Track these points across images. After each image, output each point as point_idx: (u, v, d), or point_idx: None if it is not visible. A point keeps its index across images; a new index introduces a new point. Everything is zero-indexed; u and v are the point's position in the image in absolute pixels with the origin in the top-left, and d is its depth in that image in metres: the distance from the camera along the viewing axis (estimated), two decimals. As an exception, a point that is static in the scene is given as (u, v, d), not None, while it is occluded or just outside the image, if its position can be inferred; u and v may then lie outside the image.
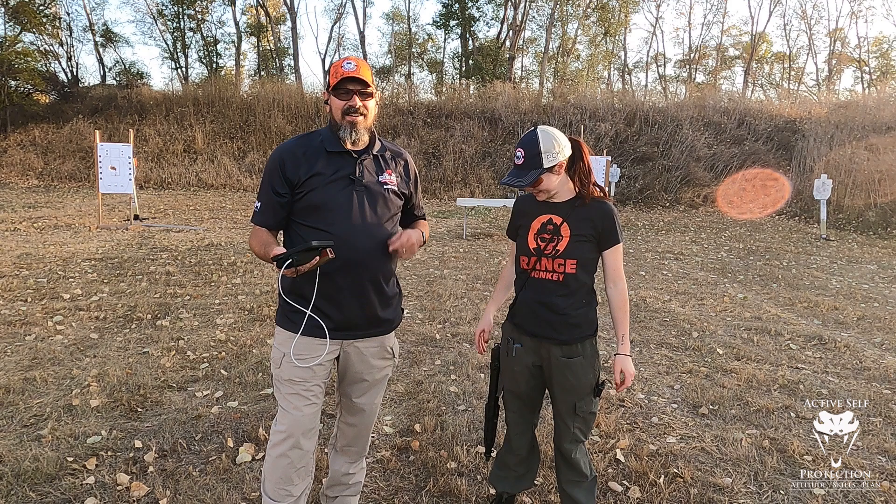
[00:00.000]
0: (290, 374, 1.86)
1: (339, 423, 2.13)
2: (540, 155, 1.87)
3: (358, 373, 1.98)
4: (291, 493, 1.87)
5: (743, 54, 33.78)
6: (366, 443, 2.15)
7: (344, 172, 1.84)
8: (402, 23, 33.37)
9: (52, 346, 4.00)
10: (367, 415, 2.06)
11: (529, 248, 2.00)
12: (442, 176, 17.41)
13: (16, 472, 2.45)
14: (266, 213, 1.87)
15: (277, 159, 1.84)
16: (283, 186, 1.83)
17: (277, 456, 1.85)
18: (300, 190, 1.82)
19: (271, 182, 1.84)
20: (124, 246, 8.00)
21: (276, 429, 1.89)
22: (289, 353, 1.84)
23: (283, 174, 1.82)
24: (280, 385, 1.89)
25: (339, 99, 1.82)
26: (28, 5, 21.27)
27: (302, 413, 1.85)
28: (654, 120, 18.86)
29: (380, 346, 1.98)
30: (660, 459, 2.76)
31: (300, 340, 1.84)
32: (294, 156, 1.83)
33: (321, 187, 1.81)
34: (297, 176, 1.82)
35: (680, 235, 11.38)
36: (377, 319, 1.92)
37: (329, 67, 1.91)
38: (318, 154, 1.84)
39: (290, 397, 1.86)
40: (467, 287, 6.29)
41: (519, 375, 2.08)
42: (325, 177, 1.82)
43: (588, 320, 1.97)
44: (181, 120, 19.41)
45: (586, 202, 1.96)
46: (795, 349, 4.53)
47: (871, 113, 16.95)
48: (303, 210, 1.84)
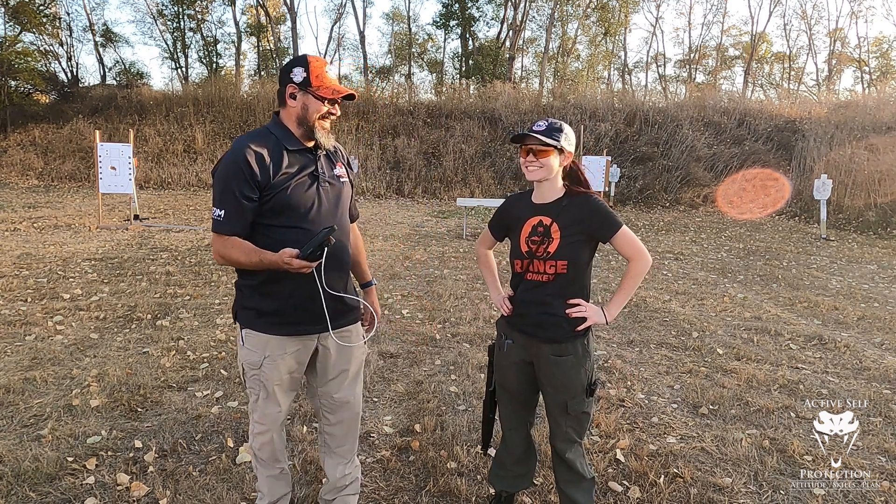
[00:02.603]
0: (272, 375, 1.89)
1: (323, 429, 2.13)
2: (561, 131, 1.93)
3: (338, 364, 2.00)
4: (283, 468, 2.13)
5: (743, 54, 33.79)
6: (356, 438, 2.16)
7: (308, 170, 1.86)
8: (402, 23, 33.39)
9: (52, 346, 4.00)
10: (351, 406, 2.08)
11: (522, 251, 2.00)
12: (442, 176, 17.41)
13: (16, 472, 2.45)
14: (235, 220, 1.76)
15: (239, 162, 1.74)
16: (252, 190, 1.75)
17: (262, 444, 2.03)
18: (269, 192, 1.78)
19: (237, 187, 1.74)
20: (124, 246, 8.00)
21: (256, 422, 2.00)
22: (271, 355, 1.86)
23: (251, 177, 1.75)
24: (262, 384, 1.92)
25: (325, 104, 1.83)
26: (28, 5, 21.27)
27: (280, 409, 1.97)
28: (654, 120, 18.86)
29: (354, 333, 2.04)
30: (660, 459, 2.76)
31: (279, 341, 1.86)
32: (258, 156, 1.76)
33: (290, 187, 1.80)
34: (265, 177, 1.76)
35: (680, 235, 11.38)
36: (346, 308, 1.98)
37: (301, 64, 1.80)
38: (280, 153, 1.82)
39: (272, 396, 1.93)
40: (467, 287, 6.28)
41: (510, 371, 2.09)
42: (292, 175, 1.82)
43: (579, 320, 1.97)
44: (181, 120, 19.41)
45: (572, 197, 1.97)
46: (795, 349, 4.53)
47: (871, 113, 16.96)
48: (271, 211, 1.80)
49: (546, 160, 1.92)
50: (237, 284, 1.96)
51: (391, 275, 6.75)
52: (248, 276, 1.88)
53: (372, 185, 16.87)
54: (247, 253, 1.77)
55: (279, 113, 1.88)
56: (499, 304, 2.14)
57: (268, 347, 1.87)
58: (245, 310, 1.92)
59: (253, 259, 1.76)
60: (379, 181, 17.03)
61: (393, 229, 10.84)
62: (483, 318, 5.11)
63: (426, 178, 17.29)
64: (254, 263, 1.77)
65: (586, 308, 1.94)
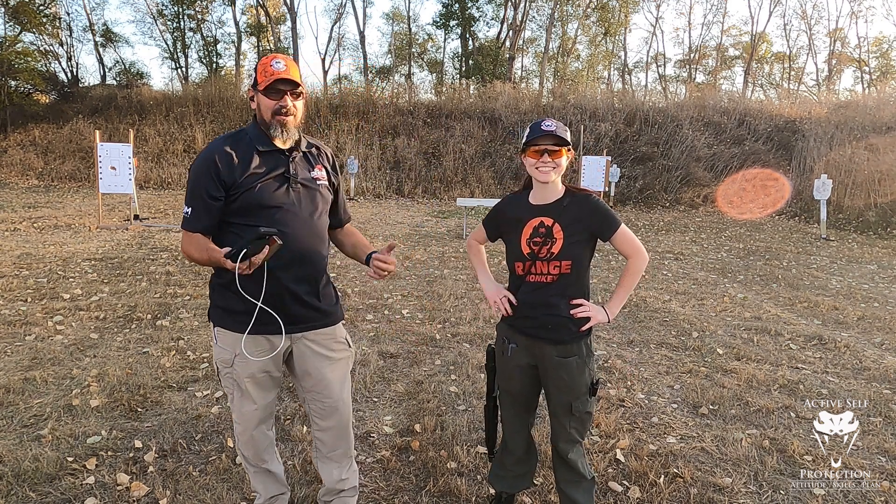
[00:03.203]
0: (244, 372, 1.90)
1: (315, 434, 2.11)
2: (567, 130, 1.94)
3: (317, 368, 1.97)
4: (271, 468, 2.14)
5: (743, 54, 33.79)
6: (349, 442, 2.13)
7: (278, 171, 1.85)
8: (402, 23, 33.39)
9: (52, 346, 4.00)
10: (340, 412, 2.04)
11: (523, 253, 1.98)
12: (442, 176, 17.41)
13: (16, 472, 2.45)
14: (199, 217, 1.80)
15: (208, 162, 1.78)
16: (217, 189, 1.78)
17: (244, 442, 2.05)
18: (235, 191, 1.79)
19: (203, 186, 1.78)
20: (124, 246, 8.00)
21: (236, 421, 2.03)
22: (241, 353, 1.86)
23: (217, 176, 1.77)
24: (236, 382, 1.93)
25: (269, 99, 1.81)
26: (28, 5, 21.28)
27: (256, 406, 1.97)
28: (654, 120, 18.86)
29: (331, 337, 2.00)
30: (660, 459, 2.76)
31: (248, 339, 1.85)
32: (227, 156, 1.79)
33: (257, 187, 1.80)
34: (231, 177, 1.78)
35: (680, 235, 11.38)
36: (318, 312, 1.95)
37: (256, 65, 1.85)
38: (250, 153, 1.83)
39: (245, 394, 1.94)
40: (467, 287, 6.29)
41: (514, 375, 2.08)
42: (260, 176, 1.82)
43: (584, 320, 1.97)
44: (181, 120, 19.41)
45: (572, 196, 1.96)
46: (795, 349, 4.53)
47: (871, 113, 16.95)
48: (239, 210, 1.81)
49: (560, 160, 1.92)
50: (210, 283, 1.97)
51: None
52: (217, 274, 1.90)
53: (372, 185, 16.87)
54: (200, 250, 1.79)
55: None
56: (494, 299, 2.07)
57: (237, 345, 1.87)
58: (216, 308, 1.94)
59: (204, 256, 1.78)
60: (379, 181, 17.03)
61: (393, 229, 10.84)
62: (483, 318, 5.11)
63: (426, 178, 17.30)
64: (205, 260, 1.78)
65: (589, 307, 1.94)
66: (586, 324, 1.94)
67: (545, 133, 1.89)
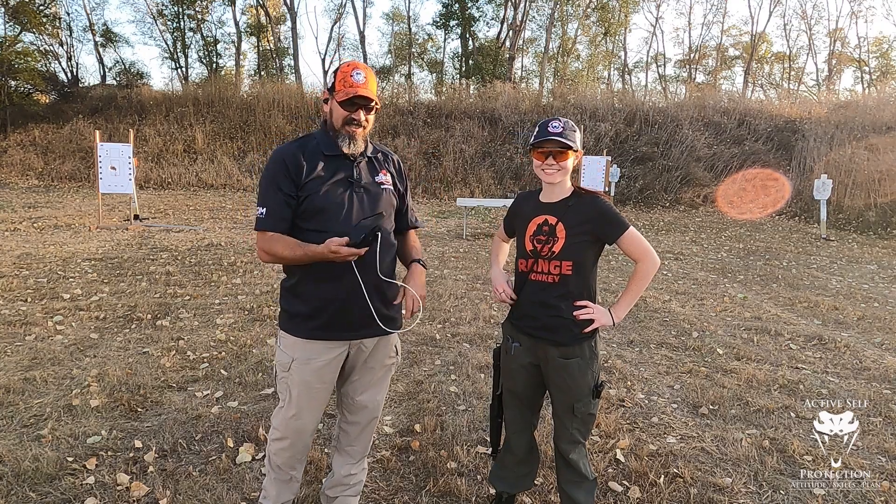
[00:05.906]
0: (300, 378, 1.87)
1: (340, 424, 2.13)
2: (575, 131, 1.93)
3: (362, 371, 1.99)
4: (295, 476, 2.07)
5: (743, 54, 33.79)
6: (368, 441, 2.15)
7: (342, 175, 1.85)
8: (401, 23, 33.38)
9: (52, 346, 4.00)
10: (369, 411, 2.06)
11: (526, 250, 2.00)
12: (442, 176, 17.41)
13: (16, 472, 2.45)
14: (276, 216, 1.81)
15: (280, 161, 1.82)
16: (290, 187, 1.80)
17: (279, 449, 1.98)
18: (301, 193, 1.81)
19: (278, 184, 1.80)
20: (124, 246, 8.00)
21: (275, 428, 1.96)
22: (299, 358, 1.85)
23: (289, 175, 1.80)
24: (288, 389, 1.90)
25: (343, 109, 1.82)
26: (28, 5, 21.28)
27: (301, 419, 1.92)
28: (654, 120, 18.87)
29: (386, 344, 2.01)
30: (660, 459, 2.76)
31: (308, 344, 1.85)
32: (295, 158, 1.82)
33: (321, 190, 1.81)
34: (299, 178, 1.81)
35: (680, 235, 11.38)
36: (382, 318, 1.91)
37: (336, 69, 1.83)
38: (316, 158, 1.84)
39: (293, 403, 1.90)
40: (467, 287, 6.28)
41: (517, 374, 2.08)
42: (324, 179, 1.82)
43: (587, 322, 1.97)
44: (181, 120, 19.41)
45: (579, 197, 1.96)
46: (795, 349, 4.53)
47: (871, 113, 16.96)
48: (303, 214, 1.83)
49: (565, 162, 1.92)
50: (281, 284, 1.97)
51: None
52: (286, 276, 1.91)
53: (372, 185, 16.85)
54: (290, 247, 1.78)
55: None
56: (498, 283, 2.08)
57: (296, 350, 1.86)
58: (282, 311, 1.94)
59: (297, 253, 1.76)
60: (379, 181, 17.00)
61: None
62: (483, 318, 5.11)
63: (426, 178, 17.29)
64: (298, 257, 1.77)
65: (593, 310, 1.93)
66: (589, 326, 1.93)
67: (550, 137, 1.89)
